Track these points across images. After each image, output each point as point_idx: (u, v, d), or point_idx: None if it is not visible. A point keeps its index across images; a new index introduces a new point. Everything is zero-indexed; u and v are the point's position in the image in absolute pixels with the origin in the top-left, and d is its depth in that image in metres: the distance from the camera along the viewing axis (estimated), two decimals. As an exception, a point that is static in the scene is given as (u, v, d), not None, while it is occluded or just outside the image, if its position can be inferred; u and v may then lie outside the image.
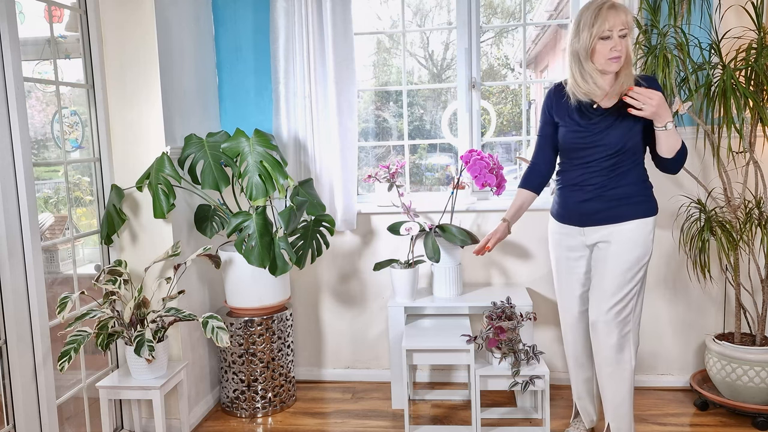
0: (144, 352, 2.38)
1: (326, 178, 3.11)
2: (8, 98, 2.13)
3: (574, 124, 2.24)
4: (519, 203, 2.42)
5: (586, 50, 2.12)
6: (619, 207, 2.21)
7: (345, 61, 3.02)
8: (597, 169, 2.22)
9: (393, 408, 2.98)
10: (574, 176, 2.28)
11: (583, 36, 2.12)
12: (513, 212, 2.42)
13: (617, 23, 2.08)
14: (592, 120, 2.21)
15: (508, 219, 2.42)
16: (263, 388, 2.92)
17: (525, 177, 2.44)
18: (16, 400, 2.19)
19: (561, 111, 2.29)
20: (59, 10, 2.55)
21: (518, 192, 2.44)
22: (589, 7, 2.12)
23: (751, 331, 2.82)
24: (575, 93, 2.21)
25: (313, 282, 3.31)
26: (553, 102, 2.33)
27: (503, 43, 4.08)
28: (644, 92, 2.06)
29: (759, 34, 2.60)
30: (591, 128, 2.20)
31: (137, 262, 2.69)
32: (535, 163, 2.42)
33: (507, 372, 2.55)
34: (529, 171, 2.43)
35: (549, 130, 2.35)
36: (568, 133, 2.26)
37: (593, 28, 2.09)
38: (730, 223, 2.68)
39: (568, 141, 2.26)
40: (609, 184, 2.21)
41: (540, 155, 2.40)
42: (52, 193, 2.65)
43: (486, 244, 2.39)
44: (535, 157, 2.41)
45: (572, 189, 2.29)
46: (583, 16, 2.13)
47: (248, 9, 3.17)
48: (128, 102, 2.67)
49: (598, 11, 2.09)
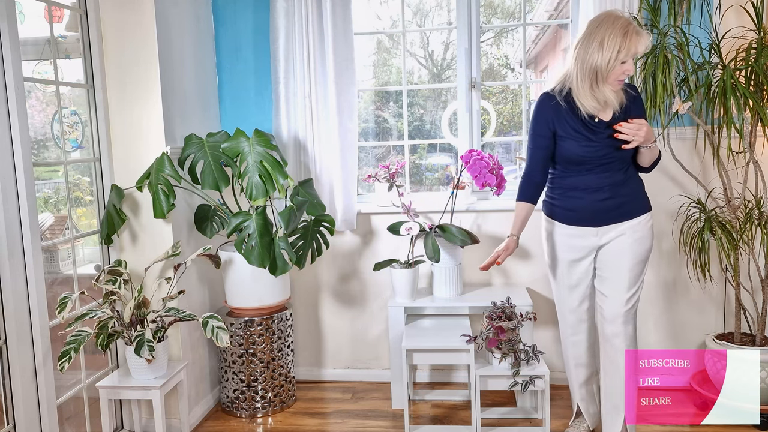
0: (144, 352, 2.38)
1: (326, 178, 3.11)
2: (8, 98, 2.13)
3: (584, 138, 2.25)
4: (523, 216, 2.38)
5: (606, 69, 2.12)
6: (630, 204, 2.31)
7: (345, 61, 3.02)
8: (611, 171, 2.28)
9: (393, 408, 2.97)
10: (584, 180, 2.29)
11: (605, 55, 2.10)
12: (519, 226, 2.37)
13: (640, 51, 2.13)
14: (601, 133, 2.24)
15: (516, 234, 2.37)
16: (263, 388, 2.92)
17: (523, 190, 2.38)
18: (16, 400, 2.19)
19: (563, 124, 2.28)
20: (59, 10, 2.55)
21: (520, 206, 2.38)
22: (614, 25, 2.10)
23: (751, 331, 2.82)
24: (584, 105, 2.21)
25: (313, 282, 3.31)
26: (552, 115, 2.29)
27: (503, 43, 4.08)
28: (632, 127, 2.17)
29: (759, 34, 2.60)
30: (603, 142, 2.24)
31: (137, 262, 2.69)
32: (531, 175, 2.37)
33: (507, 372, 2.55)
34: (525, 183, 2.38)
35: (546, 142, 2.31)
36: (579, 148, 2.26)
37: (620, 53, 2.09)
38: (730, 223, 2.68)
39: (579, 154, 2.26)
40: (621, 183, 2.29)
41: (536, 167, 2.35)
42: (52, 193, 2.65)
43: (497, 260, 2.34)
44: (531, 168, 2.37)
45: (584, 191, 2.30)
46: (609, 35, 2.10)
47: (248, 9, 3.16)
48: (128, 102, 2.67)
49: (625, 36, 2.09)
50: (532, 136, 2.34)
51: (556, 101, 2.28)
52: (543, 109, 2.32)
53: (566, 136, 2.27)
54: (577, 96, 2.23)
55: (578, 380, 2.54)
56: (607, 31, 2.10)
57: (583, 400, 2.56)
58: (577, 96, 2.23)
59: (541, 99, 2.34)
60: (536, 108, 2.34)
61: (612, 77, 2.15)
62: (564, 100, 2.27)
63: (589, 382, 2.54)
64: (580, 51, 2.17)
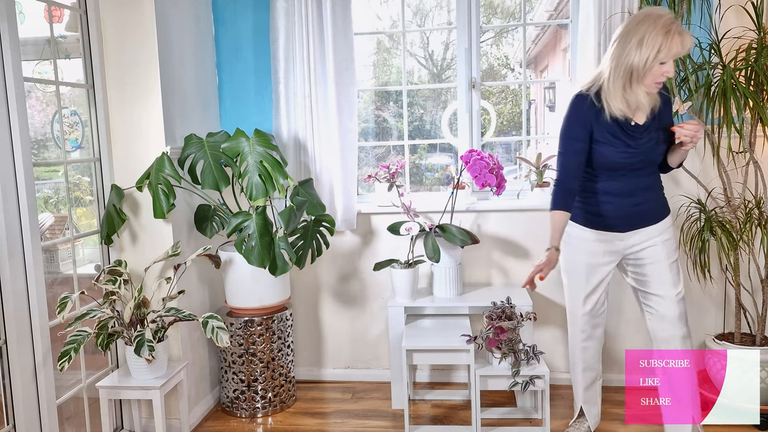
0: (144, 352, 2.38)
1: (326, 178, 3.11)
2: (8, 98, 2.13)
3: (623, 144, 2.15)
4: (561, 226, 2.21)
5: (643, 70, 2.01)
6: (657, 207, 2.30)
7: (345, 61, 3.02)
8: (643, 176, 2.24)
9: (393, 408, 2.97)
10: (615, 185, 2.22)
11: (644, 54, 1.98)
12: (558, 237, 2.21)
13: (683, 51, 2.01)
14: (640, 139, 2.16)
15: (557, 245, 2.20)
16: (263, 388, 2.92)
17: (562, 199, 2.21)
18: (16, 400, 2.19)
19: (600, 128, 2.15)
20: (59, 10, 2.55)
21: (556, 215, 2.21)
22: (656, 24, 1.99)
23: (751, 331, 2.82)
24: (610, 106, 2.10)
25: (313, 282, 3.31)
26: (591, 118, 2.15)
27: (503, 43, 4.08)
28: (692, 128, 2.09)
29: (759, 34, 2.60)
30: (641, 147, 2.17)
31: (137, 262, 2.69)
32: (565, 182, 2.20)
33: (507, 372, 2.55)
34: (560, 191, 2.21)
35: (583, 146, 2.17)
36: (617, 154, 2.16)
37: (659, 53, 1.98)
38: (730, 223, 2.68)
39: (617, 160, 2.17)
40: (650, 187, 2.27)
41: (571, 174, 2.19)
42: (52, 193, 2.65)
43: (540, 274, 2.15)
44: (565, 175, 2.20)
45: (616, 196, 2.22)
46: (650, 34, 1.98)
47: (248, 9, 3.16)
48: (128, 102, 2.67)
49: (667, 35, 1.97)
50: (566, 139, 2.19)
51: (592, 101, 2.14)
52: (579, 110, 2.16)
53: (603, 141, 2.15)
54: (606, 96, 2.11)
55: (584, 383, 2.52)
56: (648, 29, 1.98)
57: (587, 402, 2.55)
58: (606, 96, 2.11)
59: (576, 100, 2.19)
60: (571, 109, 2.19)
61: (649, 79, 2.04)
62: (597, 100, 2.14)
63: (594, 385, 2.53)
64: (617, 49, 2.05)
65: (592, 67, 2.80)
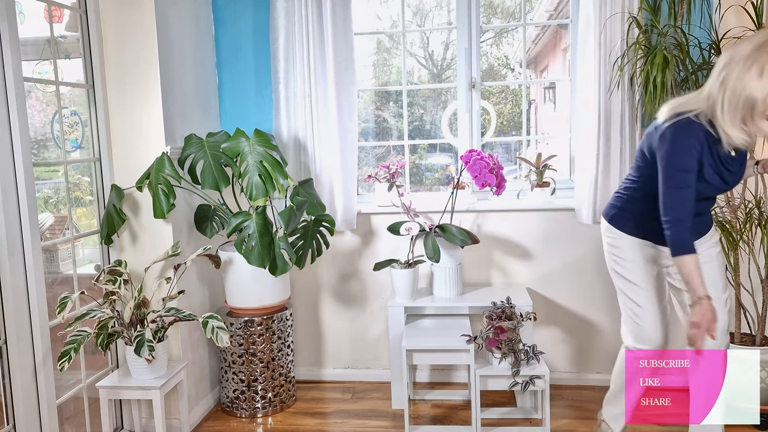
0: (144, 352, 2.38)
1: (326, 178, 3.11)
2: (8, 98, 2.13)
3: (728, 174, 2.00)
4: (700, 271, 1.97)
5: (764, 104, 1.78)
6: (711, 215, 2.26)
7: (345, 61, 3.02)
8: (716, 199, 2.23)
9: (393, 408, 2.97)
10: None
11: (766, 86, 1.76)
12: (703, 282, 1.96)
13: None
14: (736, 173, 2.04)
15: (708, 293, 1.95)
16: (263, 388, 2.92)
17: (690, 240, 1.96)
18: (16, 400, 2.19)
19: (710, 158, 1.95)
20: (59, 10, 2.55)
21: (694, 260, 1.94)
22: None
23: (751, 331, 2.82)
24: (730, 137, 1.87)
25: (313, 282, 3.31)
26: (706, 148, 1.92)
27: (503, 43, 4.08)
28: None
29: (759, 34, 2.59)
30: (737, 176, 2.05)
31: (137, 262, 2.69)
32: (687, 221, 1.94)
33: (507, 372, 2.55)
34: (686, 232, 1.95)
35: (695, 177, 1.94)
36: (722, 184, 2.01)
37: None
38: (730, 223, 2.68)
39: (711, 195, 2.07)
40: None
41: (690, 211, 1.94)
42: (52, 193, 2.65)
43: (711, 333, 1.94)
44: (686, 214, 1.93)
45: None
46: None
47: (248, 9, 3.17)
48: (128, 102, 2.67)
49: None
50: (681, 172, 1.91)
51: (707, 131, 1.89)
52: (695, 139, 1.89)
53: (713, 171, 1.95)
54: (722, 126, 1.87)
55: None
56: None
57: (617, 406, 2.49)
58: (722, 126, 1.87)
59: (691, 127, 1.90)
60: (686, 137, 1.90)
61: None
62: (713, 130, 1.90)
63: None
64: (732, 74, 1.81)
65: (592, 67, 2.81)
